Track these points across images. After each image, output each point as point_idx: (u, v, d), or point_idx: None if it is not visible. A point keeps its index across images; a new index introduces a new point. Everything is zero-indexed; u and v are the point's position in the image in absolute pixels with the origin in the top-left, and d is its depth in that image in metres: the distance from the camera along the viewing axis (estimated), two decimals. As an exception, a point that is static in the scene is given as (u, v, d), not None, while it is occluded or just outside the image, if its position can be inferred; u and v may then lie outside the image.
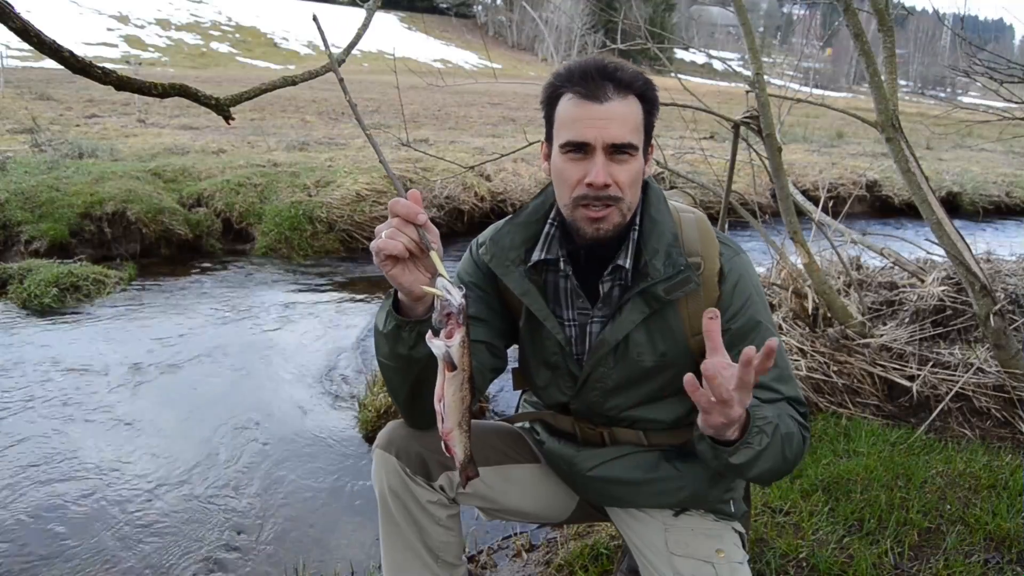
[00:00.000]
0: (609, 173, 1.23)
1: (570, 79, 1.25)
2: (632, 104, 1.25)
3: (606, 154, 1.23)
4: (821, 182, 7.69)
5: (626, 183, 1.25)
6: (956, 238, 2.88)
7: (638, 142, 1.25)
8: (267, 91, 1.52)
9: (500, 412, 3.41)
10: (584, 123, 1.23)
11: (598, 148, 1.22)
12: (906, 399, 3.14)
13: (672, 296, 1.29)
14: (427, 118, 16.02)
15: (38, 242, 5.82)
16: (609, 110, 1.22)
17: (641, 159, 1.27)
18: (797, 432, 1.26)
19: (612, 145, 1.22)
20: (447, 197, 7.57)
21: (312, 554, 2.42)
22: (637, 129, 1.25)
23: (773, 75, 5.12)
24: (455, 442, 1.07)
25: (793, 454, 1.24)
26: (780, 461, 1.21)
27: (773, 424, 1.17)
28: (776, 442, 1.18)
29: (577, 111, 1.24)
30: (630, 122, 1.24)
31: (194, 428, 3.28)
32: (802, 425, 1.28)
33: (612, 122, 1.22)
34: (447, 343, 1.01)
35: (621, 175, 1.24)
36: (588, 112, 1.22)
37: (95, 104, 15.12)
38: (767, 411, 1.19)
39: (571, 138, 1.24)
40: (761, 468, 1.18)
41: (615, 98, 1.23)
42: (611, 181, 1.23)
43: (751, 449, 1.14)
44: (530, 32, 68.79)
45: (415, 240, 1.07)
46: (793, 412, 1.28)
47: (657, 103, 1.30)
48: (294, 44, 57.41)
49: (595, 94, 1.22)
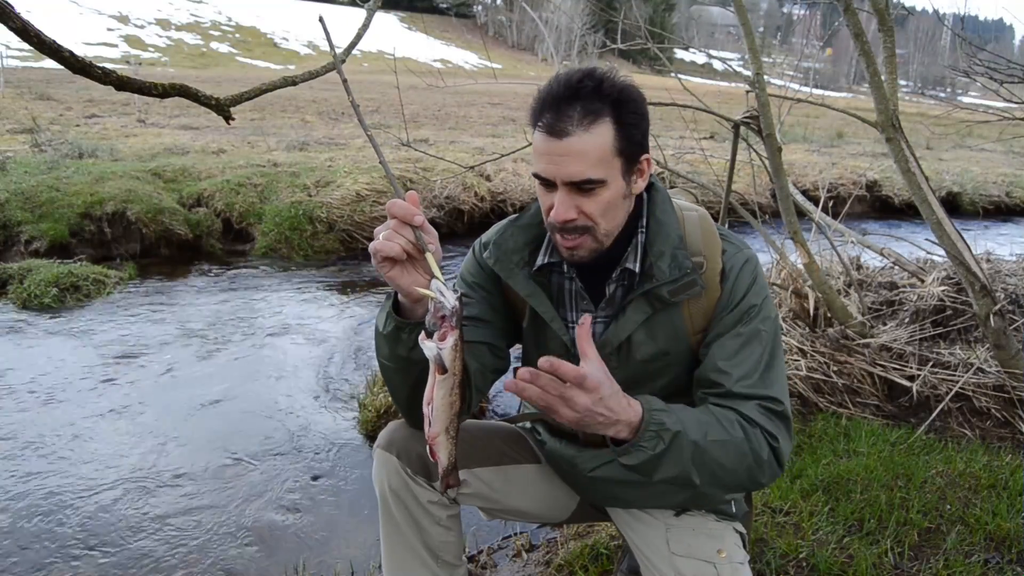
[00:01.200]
0: (576, 205, 1.21)
1: (541, 107, 1.21)
2: (598, 133, 1.18)
3: (568, 189, 1.21)
4: (821, 182, 7.69)
5: (596, 212, 1.23)
6: (956, 238, 2.88)
7: (603, 174, 1.20)
8: (267, 91, 1.52)
9: (500, 412, 3.41)
10: (545, 159, 1.21)
11: (559, 184, 1.21)
12: (906, 399, 3.14)
13: (676, 299, 1.28)
14: (427, 118, 16.02)
15: (38, 242, 5.82)
16: (568, 146, 1.18)
17: (616, 184, 1.23)
18: (749, 440, 1.20)
19: (571, 183, 1.20)
20: (447, 197, 7.57)
21: (312, 554, 2.42)
22: (603, 160, 1.20)
23: (773, 75, 5.13)
24: (440, 447, 1.06)
25: (741, 463, 1.20)
26: (708, 468, 1.17)
27: (672, 431, 1.14)
28: (679, 448, 1.14)
29: (541, 146, 1.21)
30: (591, 156, 1.18)
31: (194, 428, 3.28)
32: (769, 432, 1.22)
33: (570, 159, 1.19)
34: (439, 345, 1.01)
35: (588, 206, 1.22)
36: (549, 148, 1.20)
37: (95, 104, 15.12)
38: (667, 416, 1.15)
39: (536, 171, 1.24)
40: (666, 473, 1.15)
41: (577, 131, 1.17)
42: (575, 215, 1.22)
43: (643, 452, 1.13)
44: (530, 32, 68.78)
45: (412, 242, 1.07)
46: (756, 414, 1.23)
47: (639, 116, 1.23)
48: (294, 44, 57.39)
49: (556, 129, 1.18)
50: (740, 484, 1.25)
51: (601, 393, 1.07)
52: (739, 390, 1.25)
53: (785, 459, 1.26)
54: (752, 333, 1.29)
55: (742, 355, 1.27)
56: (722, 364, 1.27)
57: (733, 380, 1.25)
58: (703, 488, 1.20)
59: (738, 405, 1.24)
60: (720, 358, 1.28)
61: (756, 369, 1.27)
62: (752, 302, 1.31)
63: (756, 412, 1.24)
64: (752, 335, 1.29)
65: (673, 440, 1.14)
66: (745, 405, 1.24)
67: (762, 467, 1.22)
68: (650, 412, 1.14)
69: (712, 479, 1.20)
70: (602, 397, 1.07)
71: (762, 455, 1.21)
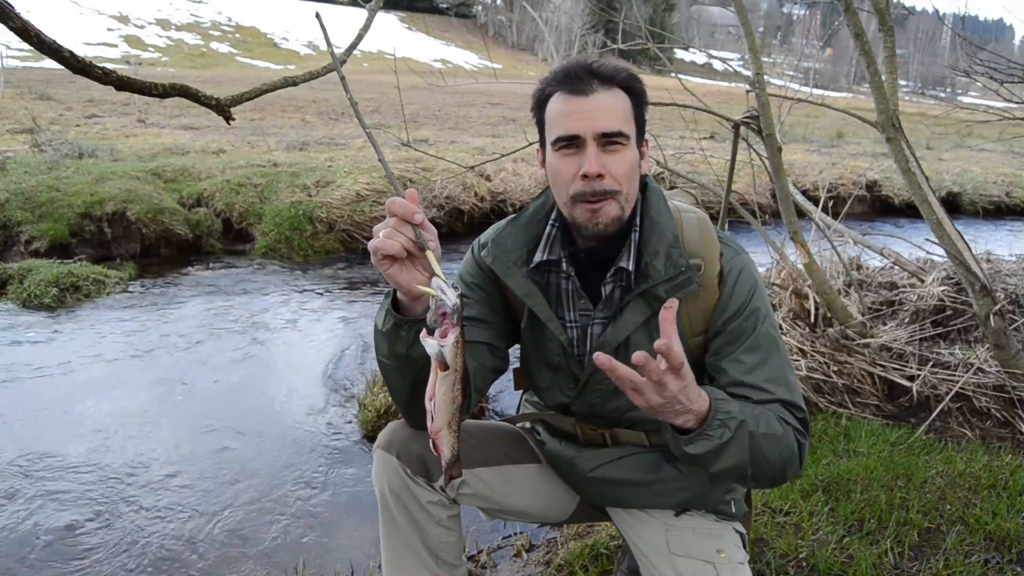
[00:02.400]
0: (603, 164, 1.23)
1: (555, 80, 1.27)
2: (618, 95, 1.26)
3: (598, 145, 1.23)
4: (821, 182, 7.69)
5: (621, 174, 1.25)
6: (956, 238, 2.88)
7: (629, 131, 1.26)
8: (268, 91, 1.52)
9: (500, 412, 3.41)
10: (573, 117, 1.24)
11: (589, 139, 1.23)
12: (906, 399, 3.14)
13: (673, 297, 1.28)
14: (427, 118, 16.02)
15: (38, 242, 5.82)
16: (596, 102, 1.24)
17: (634, 150, 1.28)
18: (786, 435, 1.23)
19: (602, 135, 1.23)
20: (447, 197, 7.57)
21: (312, 554, 2.42)
22: (627, 118, 1.26)
23: (773, 75, 5.12)
24: (443, 441, 1.08)
25: (780, 457, 1.22)
26: (758, 460, 1.19)
27: (737, 420, 1.16)
28: (741, 438, 1.16)
29: (565, 107, 1.25)
30: (618, 111, 1.25)
31: (193, 428, 3.28)
32: (798, 431, 1.26)
33: (600, 112, 1.23)
34: (440, 342, 1.02)
35: (615, 166, 1.24)
36: (576, 106, 1.24)
37: (95, 104, 15.13)
38: (732, 406, 1.17)
39: (561, 133, 1.25)
40: (726, 463, 1.16)
41: (600, 90, 1.24)
42: (605, 172, 1.23)
43: (710, 441, 1.13)
44: (530, 32, 68.80)
45: (412, 239, 1.07)
46: (787, 415, 1.26)
47: (644, 95, 1.31)
48: (294, 44, 57.42)
49: (580, 88, 1.24)
50: (775, 477, 1.27)
51: (686, 381, 1.08)
52: (767, 398, 1.27)
53: (805, 459, 1.28)
54: (769, 342, 1.30)
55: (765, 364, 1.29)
56: (747, 378, 1.28)
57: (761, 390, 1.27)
58: (750, 480, 1.23)
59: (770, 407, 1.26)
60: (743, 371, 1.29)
61: (780, 377, 1.29)
62: (757, 305, 1.31)
63: (786, 413, 1.27)
64: (769, 344, 1.30)
65: (738, 429, 1.15)
66: (775, 407, 1.26)
67: (793, 463, 1.25)
68: (716, 401, 1.15)
69: (757, 471, 1.21)
70: (686, 385, 1.08)
71: (795, 451, 1.25)
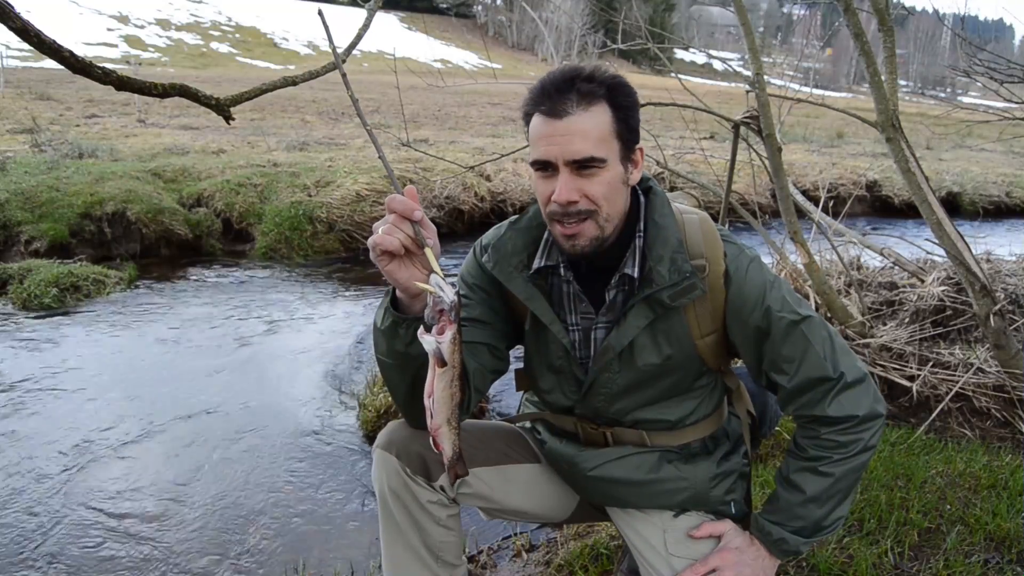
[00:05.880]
0: (577, 188, 1.21)
1: (535, 98, 1.24)
2: (597, 114, 1.21)
3: (571, 170, 1.21)
4: (821, 182, 7.70)
5: (598, 195, 1.22)
6: (956, 238, 2.88)
7: (605, 153, 1.21)
8: (267, 91, 1.52)
9: (501, 412, 3.41)
10: (546, 141, 1.21)
11: (561, 165, 1.21)
12: (906, 399, 3.14)
13: (677, 303, 1.28)
14: (427, 118, 16.03)
15: (38, 242, 5.82)
16: (569, 126, 1.19)
17: (616, 167, 1.24)
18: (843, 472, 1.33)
19: (574, 161, 1.20)
20: (447, 197, 7.57)
21: (312, 554, 2.42)
22: (603, 139, 1.21)
23: (773, 75, 5.12)
24: (443, 438, 1.08)
25: (852, 479, 1.35)
26: (833, 501, 1.35)
27: (807, 544, 1.38)
28: (816, 513, 1.35)
29: (542, 128, 1.22)
30: (592, 135, 1.20)
31: (193, 428, 3.28)
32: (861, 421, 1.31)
33: (573, 138, 1.19)
34: (438, 339, 1.02)
35: (591, 188, 1.22)
36: (550, 129, 1.21)
37: (95, 104, 15.14)
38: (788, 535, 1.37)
39: (537, 156, 1.24)
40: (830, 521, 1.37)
41: (576, 111, 1.19)
42: (577, 197, 1.21)
43: (804, 546, 1.38)
44: (530, 32, 68.81)
45: (411, 236, 1.08)
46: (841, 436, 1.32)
47: (632, 108, 1.25)
48: (294, 44, 57.43)
49: (555, 110, 1.20)
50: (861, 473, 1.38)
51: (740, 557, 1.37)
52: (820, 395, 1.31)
53: (882, 422, 1.35)
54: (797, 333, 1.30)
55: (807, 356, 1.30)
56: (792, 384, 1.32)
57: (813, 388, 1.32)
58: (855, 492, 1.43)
59: (828, 434, 1.33)
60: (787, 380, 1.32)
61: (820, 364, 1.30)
62: (770, 302, 1.30)
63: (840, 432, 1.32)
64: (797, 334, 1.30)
65: (812, 536, 1.38)
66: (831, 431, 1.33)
67: (867, 454, 1.35)
68: (775, 544, 1.38)
69: (850, 489, 1.37)
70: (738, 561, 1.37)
71: (863, 457, 1.34)
